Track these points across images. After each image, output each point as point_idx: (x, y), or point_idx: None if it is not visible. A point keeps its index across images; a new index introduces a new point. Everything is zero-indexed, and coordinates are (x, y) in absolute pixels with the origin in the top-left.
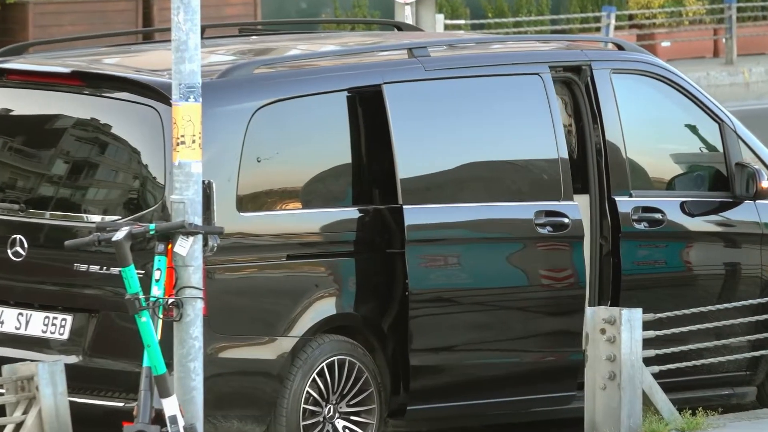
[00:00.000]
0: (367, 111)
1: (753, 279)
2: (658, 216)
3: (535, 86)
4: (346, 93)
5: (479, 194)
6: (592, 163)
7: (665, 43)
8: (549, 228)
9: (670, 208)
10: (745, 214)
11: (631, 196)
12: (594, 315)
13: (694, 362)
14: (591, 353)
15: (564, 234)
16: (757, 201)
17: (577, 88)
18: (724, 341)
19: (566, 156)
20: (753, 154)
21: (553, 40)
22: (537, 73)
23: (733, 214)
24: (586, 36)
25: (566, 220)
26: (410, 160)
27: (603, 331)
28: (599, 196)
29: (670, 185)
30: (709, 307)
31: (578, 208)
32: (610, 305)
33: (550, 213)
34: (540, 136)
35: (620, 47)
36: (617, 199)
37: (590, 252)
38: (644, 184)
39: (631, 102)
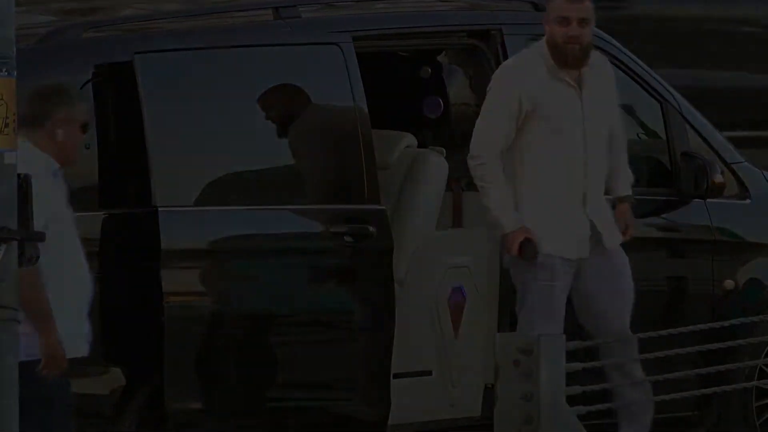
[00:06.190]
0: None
1: (702, 297)
2: None
3: (333, 59)
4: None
5: (261, 195)
6: None
7: None
8: (348, 237)
9: None
10: (693, 215)
11: None
12: (506, 343)
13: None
14: (502, 392)
15: (367, 246)
16: (708, 200)
17: (484, 60)
18: (667, 375)
19: (371, 147)
20: (702, 142)
21: None
22: (335, 43)
23: (678, 216)
24: None
25: (371, 228)
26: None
27: (517, 364)
28: None
29: None
30: (650, 333)
31: (386, 213)
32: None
33: (350, 219)
34: (339, 121)
35: (538, 8)
36: None
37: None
38: None
39: None
